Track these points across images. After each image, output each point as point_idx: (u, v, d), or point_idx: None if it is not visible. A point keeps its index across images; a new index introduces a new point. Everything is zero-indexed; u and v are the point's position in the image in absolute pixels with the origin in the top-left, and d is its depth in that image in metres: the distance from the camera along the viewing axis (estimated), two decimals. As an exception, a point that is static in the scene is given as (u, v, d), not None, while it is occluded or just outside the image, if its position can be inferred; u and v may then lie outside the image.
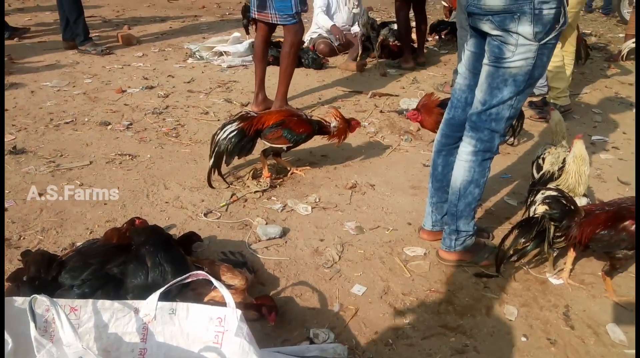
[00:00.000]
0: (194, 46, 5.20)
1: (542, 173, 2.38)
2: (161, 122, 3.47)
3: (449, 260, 2.13)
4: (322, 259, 2.14)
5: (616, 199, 2.06)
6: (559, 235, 1.99)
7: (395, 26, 5.14)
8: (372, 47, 5.03)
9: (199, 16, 7.10)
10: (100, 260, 1.65)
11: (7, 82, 4.02)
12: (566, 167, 2.21)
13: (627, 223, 1.87)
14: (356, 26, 5.43)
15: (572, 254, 2.06)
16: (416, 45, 5.22)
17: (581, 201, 2.12)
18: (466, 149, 1.98)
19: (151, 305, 1.38)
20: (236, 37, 5.18)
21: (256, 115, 2.72)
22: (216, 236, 2.27)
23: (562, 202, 2.01)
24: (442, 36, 6.06)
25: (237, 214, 2.45)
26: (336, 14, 5.48)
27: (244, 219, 2.40)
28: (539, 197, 2.11)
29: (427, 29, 5.53)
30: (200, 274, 1.43)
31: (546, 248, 2.00)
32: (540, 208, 2.07)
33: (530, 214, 2.14)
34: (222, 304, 1.39)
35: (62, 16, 4.94)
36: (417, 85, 4.57)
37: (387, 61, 5.19)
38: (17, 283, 1.63)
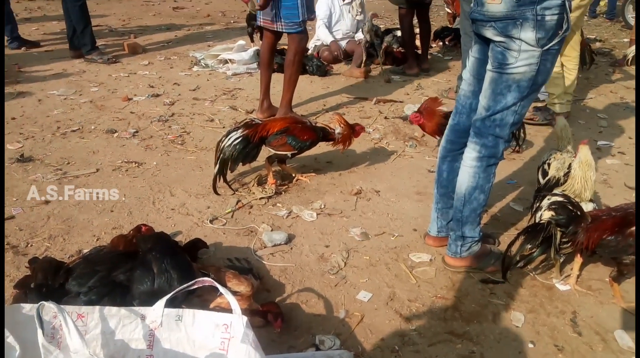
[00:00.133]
0: (199, 54, 5.23)
1: (547, 178, 2.37)
2: (167, 129, 3.49)
3: (455, 266, 2.12)
4: (328, 265, 2.14)
5: (623, 204, 2.04)
6: (565, 241, 1.99)
7: (399, 33, 5.15)
8: (376, 54, 5.04)
9: (204, 25, 7.16)
10: (107, 267, 1.66)
11: (14, 90, 4.07)
12: (572, 172, 2.20)
13: (634, 228, 1.85)
14: (360, 33, 5.44)
15: (579, 260, 2.05)
16: (420, 51, 5.24)
17: (587, 207, 2.11)
18: (471, 155, 1.98)
19: (157, 311, 1.39)
20: (241, 45, 5.22)
21: (260, 122, 2.74)
22: (222, 243, 2.28)
23: (569, 208, 2.00)
24: (446, 42, 6.07)
25: (242, 220, 2.46)
26: (340, 22, 5.48)
27: (250, 226, 2.41)
28: (545, 203, 2.11)
29: (431, 35, 5.55)
30: (206, 280, 1.44)
31: (553, 254, 1.99)
32: (546, 213, 2.06)
33: (536, 220, 2.13)
34: (228, 310, 1.39)
35: (69, 26, 5.00)
36: (422, 91, 4.57)
37: (391, 68, 5.22)
38: (24, 290, 1.64)
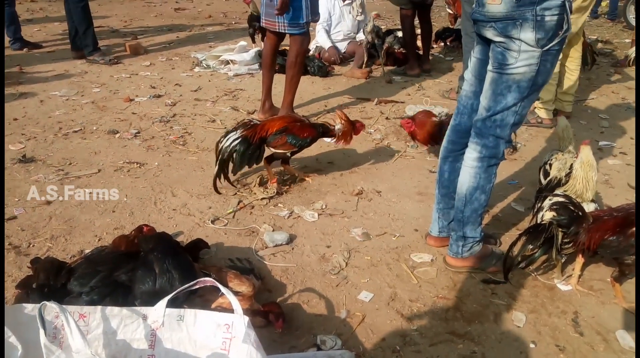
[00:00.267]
0: (200, 55, 5.24)
1: (549, 179, 2.37)
2: (168, 130, 3.50)
3: (456, 267, 2.12)
4: (329, 265, 2.14)
5: (624, 204, 2.04)
6: (567, 241, 1.98)
7: (400, 34, 5.16)
8: (377, 54, 5.05)
9: (206, 25, 7.17)
10: (108, 267, 1.67)
11: (16, 91, 4.08)
12: (574, 173, 2.20)
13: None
14: (361, 34, 5.44)
15: (580, 260, 2.04)
16: (421, 52, 5.24)
17: (589, 207, 2.11)
18: (472, 156, 1.98)
19: (159, 311, 1.39)
20: (242, 46, 5.23)
21: (259, 123, 2.73)
22: (223, 243, 2.28)
23: (570, 208, 2.00)
24: (448, 43, 6.07)
25: (244, 221, 2.46)
26: (340, 23, 5.47)
27: (251, 226, 2.41)
28: (547, 203, 2.11)
29: (432, 36, 5.55)
30: (207, 281, 1.44)
31: (554, 254, 1.98)
32: (548, 214, 2.06)
33: (538, 221, 2.13)
34: (230, 311, 1.39)
35: (71, 27, 5.01)
36: (423, 92, 4.57)
37: (392, 68, 5.22)
38: (26, 290, 1.65)
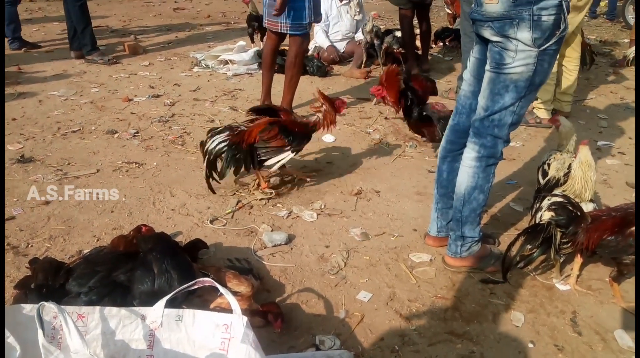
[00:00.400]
0: (199, 55, 5.24)
1: (547, 178, 2.38)
2: (167, 130, 3.50)
3: (455, 266, 2.13)
4: (328, 265, 2.14)
5: (622, 204, 2.05)
6: (565, 241, 1.99)
7: (399, 33, 5.15)
8: (376, 54, 5.04)
9: (205, 25, 7.16)
10: (107, 268, 1.66)
11: (15, 91, 4.07)
12: (572, 173, 2.21)
13: (634, 228, 1.85)
14: (360, 33, 5.43)
15: (579, 260, 2.05)
16: (420, 52, 5.24)
17: (588, 207, 2.12)
18: (470, 155, 1.98)
19: (158, 311, 1.39)
20: (241, 45, 5.22)
21: (246, 129, 2.57)
22: (222, 243, 2.28)
23: (569, 208, 2.00)
24: (446, 43, 6.07)
25: (242, 221, 2.46)
26: (338, 23, 5.44)
27: (250, 226, 2.41)
28: (545, 203, 2.11)
29: (431, 36, 5.55)
30: (206, 281, 1.44)
31: (553, 254, 1.99)
32: (546, 214, 2.07)
33: (536, 221, 2.13)
34: (228, 311, 1.39)
35: (69, 26, 5.00)
36: (422, 92, 4.57)
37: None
38: (25, 290, 1.64)
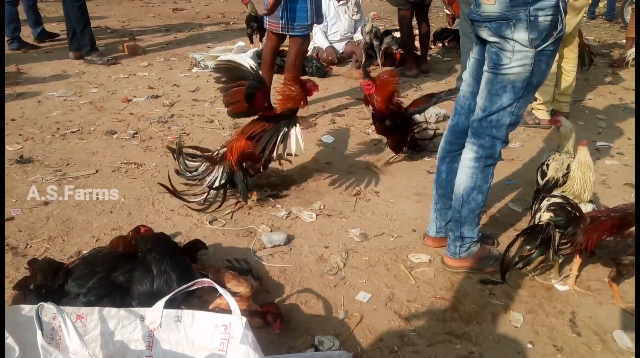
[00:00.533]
0: (198, 55, 5.23)
1: (546, 179, 2.38)
2: (166, 131, 3.49)
3: (454, 267, 2.13)
4: (327, 266, 2.14)
5: (621, 205, 2.05)
6: (564, 242, 1.99)
7: (398, 34, 5.16)
8: (375, 55, 5.04)
9: (204, 26, 7.16)
10: (106, 268, 1.66)
11: (14, 92, 4.07)
12: (571, 174, 2.21)
13: (633, 229, 1.86)
14: (358, 33, 5.43)
15: (578, 260, 2.05)
16: (419, 53, 5.24)
17: (587, 208, 2.12)
18: (468, 156, 1.98)
19: (157, 312, 1.39)
20: (240, 46, 5.23)
21: (225, 150, 2.54)
22: (221, 244, 2.28)
23: (567, 209, 2.01)
24: (445, 44, 6.08)
25: (242, 221, 2.46)
26: (337, 23, 5.42)
27: (249, 227, 2.41)
28: (544, 204, 2.12)
29: (430, 36, 5.56)
30: (205, 281, 1.44)
31: (551, 255, 1.99)
32: (545, 215, 2.07)
33: (535, 222, 2.13)
34: (227, 311, 1.39)
35: (68, 27, 5.00)
36: (421, 93, 4.56)
37: (390, 69, 5.22)
38: (24, 291, 1.64)
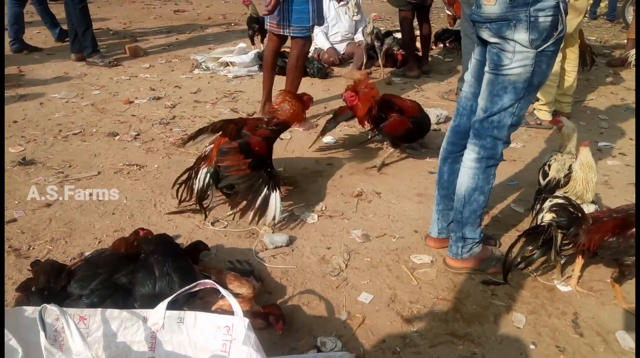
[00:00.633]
0: (200, 57, 5.24)
1: (548, 179, 2.38)
2: (168, 132, 3.50)
3: (456, 268, 2.13)
4: (329, 267, 2.15)
5: (624, 205, 2.05)
6: (566, 243, 1.99)
7: (399, 35, 5.16)
8: (376, 56, 5.05)
9: (205, 27, 7.17)
10: (108, 270, 1.67)
11: (16, 94, 4.08)
12: (574, 175, 2.20)
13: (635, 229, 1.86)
14: (359, 34, 5.43)
15: (580, 261, 2.04)
16: (420, 53, 5.24)
17: (589, 208, 2.12)
18: (470, 156, 1.98)
19: (159, 313, 1.39)
20: (242, 47, 5.23)
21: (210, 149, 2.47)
22: (223, 245, 2.28)
23: (570, 210, 2.00)
24: (447, 45, 6.08)
25: (243, 223, 2.46)
26: (337, 24, 5.42)
27: (251, 228, 2.41)
28: (546, 205, 2.11)
29: (432, 37, 5.56)
30: (207, 283, 1.44)
31: (553, 256, 1.99)
32: (547, 215, 2.06)
33: (537, 222, 2.13)
34: (230, 313, 1.40)
35: (70, 29, 5.02)
36: (422, 93, 4.58)
37: (391, 70, 5.22)
38: (26, 292, 1.65)
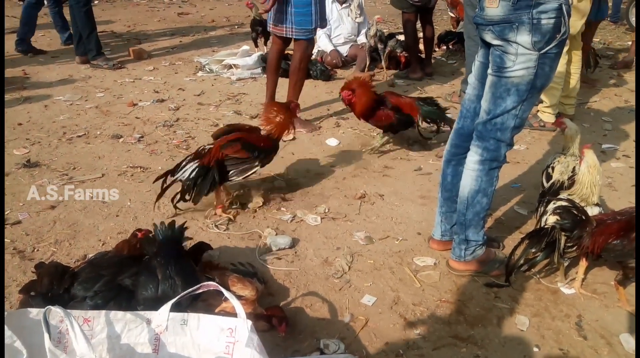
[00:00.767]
0: (203, 59, 5.26)
1: (551, 182, 2.37)
2: (172, 134, 3.51)
3: (459, 270, 2.12)
4: (332, 269, 2.15)
5: (628, 208, 2.04)
6: (570, 245, 1.98)
7: (402, 37, 5.17)
8: (379, 58, 5.06)
9: (209, 30, 7.19)
10: (112, 271, 1.67)
11: (20, 96, 4.10)
12: (581, 178, 2.18)
13: (639, 231, 1.85)
14: (362, 36, 5.44)
15: (584, 263, 2.04)
16: (424, 56, 5.25)
17: (593, 211, 2.11)
18: (473, 159, 1.98)
19: (163, 315, 1.40)
20: (245, 50, 5.24)
21: (212, 146, 2.48)
22: (226, 247, 2.28)
23: (573, 212, 2.00)
24: (450, 47, 6.08)
25: (247, 225, 2.47)
26: (340, 26, 5.42)
27: (254, 230, 2.41)
28: (550, 207, 2.11)
29: (435, 39, 5.56)
30: (210, 285, 1.45)
31: (557, 258, 1.99)
32: (551, 218, 2.06)
33: (541, 225, 2.13)
34: (233, 315, 1.40)
35: (75, 32, 5.04)
36: (425, 95, 4.57)
37: (395, 72, 5.22)
38: (30, 294, 1.65)
